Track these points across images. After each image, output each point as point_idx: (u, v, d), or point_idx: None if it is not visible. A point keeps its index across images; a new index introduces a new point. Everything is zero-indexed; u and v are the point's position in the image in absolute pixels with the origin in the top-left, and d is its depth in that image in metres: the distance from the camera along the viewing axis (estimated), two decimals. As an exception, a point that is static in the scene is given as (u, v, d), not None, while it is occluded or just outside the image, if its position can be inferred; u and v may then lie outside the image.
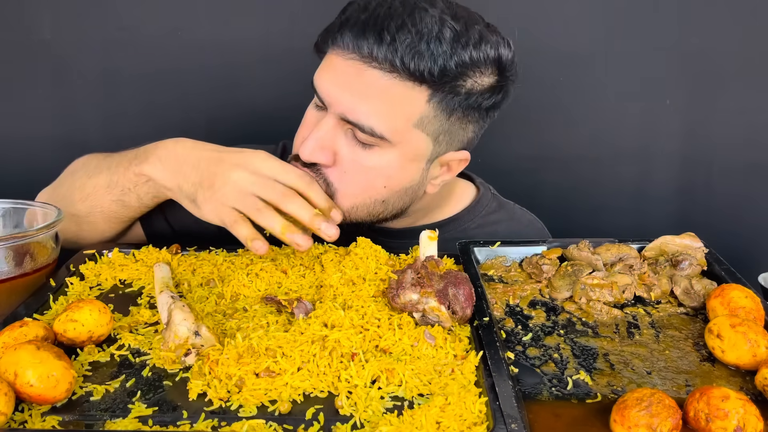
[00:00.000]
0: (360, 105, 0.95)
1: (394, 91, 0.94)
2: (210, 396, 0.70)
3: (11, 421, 0.66)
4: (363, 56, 0.93)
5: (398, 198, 1.04)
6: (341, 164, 0.99)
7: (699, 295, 0.92)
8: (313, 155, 0.98)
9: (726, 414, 0.64)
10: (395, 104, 0.95)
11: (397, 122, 0.96)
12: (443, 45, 0.91)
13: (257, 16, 1.52)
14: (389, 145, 0.97)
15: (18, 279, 0.94)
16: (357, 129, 0.96)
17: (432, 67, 0.91)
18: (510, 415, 0.65)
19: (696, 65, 1.51)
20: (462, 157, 1.05)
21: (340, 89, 0.96)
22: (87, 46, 1.52)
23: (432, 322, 0.83)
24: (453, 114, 0.98)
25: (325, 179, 1.00)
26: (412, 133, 0.98)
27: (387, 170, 1.00)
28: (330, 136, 0.98)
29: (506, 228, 1.20)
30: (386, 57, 0.91)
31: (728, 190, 1.58)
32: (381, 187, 1.01)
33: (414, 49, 0.91)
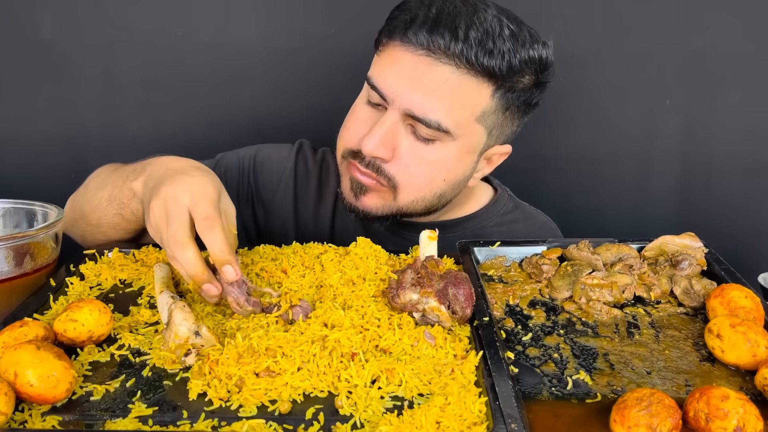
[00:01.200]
0: (428, 101, 0.97)
1: (463, 86, 0.97)
2: (210, 396, 0.70)
3: (11, 421, 0.66)
4: (435, 52, 0.96)
5: (452, 190, 1.08)
6: (401, 159, 1.02)
7: (699, 295, 0.92)
8: (377, 150, 1.00)
9: (726, 414, 0.64)
10: (463, 99, 0.98)
11: (462, 117, 0.99)
12: (507, 43, 0.96)
13: (257, 15, 1.52)
14: (450, 138, 1.00)
15: (18, 279, 0.94)
16: (421, 124, 0.99)
17: (501, 63, 0.96)
18: (510, 415, 0.65)
19: (696, 65, 1.51)
20: (505, 151, 1.10)
21: (406, 85, 0.98)
22: (87, 46, 1.52)
23: (432, 322, 0.83)
24: (509, 109, 1.03)
25: (386, 175, 1.03)
26: (473, 126, 1.02)
27: (446, 163, 1.03)
28: (392, 132, 1.00)
29: (523, 228, 1.23)
30: (462, 53, 0.94)
31: (728, 190, 1.58)
32: (441, 181, 1.05)
33: (485, 46, 0.95)
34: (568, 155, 1.59)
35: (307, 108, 1.56)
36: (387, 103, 1.00)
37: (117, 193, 1.02)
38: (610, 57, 1.52)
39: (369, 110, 1.05)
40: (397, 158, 1.02)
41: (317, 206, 1.25)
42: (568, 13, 1.49)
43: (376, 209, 1.08)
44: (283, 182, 1.24)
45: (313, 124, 1.41)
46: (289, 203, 1.24)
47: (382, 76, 1.01)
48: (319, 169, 1.26)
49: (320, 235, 1.22)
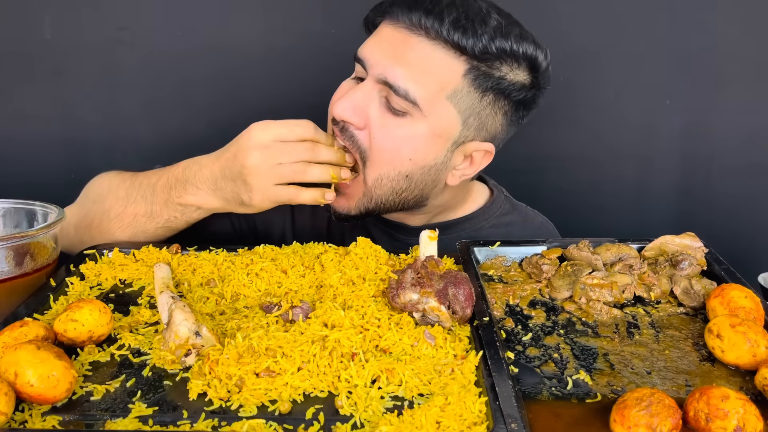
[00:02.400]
0: (399, 67, 1.00)
1: (433, 57, 1.00)
2: (210, 396, 0.70)
3: (11, 420, 0.66)
4: (411, 25, 1.00)
5: (421, 176, 1.07)
6: (371, 128, 1.04)
7: (699, 295, 0.92)
8: (344, 113, 1.03)
9: (726, 414, 0.64)
10: (433, 71, 1.01)
11: (431, 89, 1.01)
12: (487, 28, 0.99)
13: (257, 15, 1.52)
14: (420, 115, 1.02)
15: (18, 279, 0.94)
16: (392, 92, 1.01)
17: (474, 42, 0.99)
18: (510, 415, 0.65)
19: (696, 65, 1.51)
20: (486, 149, 1.09)
21: (382, 53, 1.03)
22: (87, 46, 1.52)
23: (432, 322, 0.83)
24: (485, 96, 1.03)
25: (358, 144, 1.05)
26: (444, 105, 1.02)
27: (414, 141, 1.03)
28: (365, 98, 1.03)
29: (520, 229, 1.24)
30: (432, 26, 0.99)
31: (728, 190, 1.58)
32: (407, 159, 1.05)
33: (459, 23, 0.99)
34: (568, 155, 1.59)
35: (308, 108, 1.55)
36: (366, 72, 1.05)
37: (161, 211, 1.08)
38: (610, 57, 1.52)
39: (351, 83, 1.09)
40: (368, 128, 1.04)
41: (314, 210, 1.25)
42: (568, 13, 1.50)
43: (348, 208, 1.09)
44: None
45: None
46: (286, 208, 1.24)
47: (365, 48, 1.06)
48: None
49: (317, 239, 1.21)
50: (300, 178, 1.01)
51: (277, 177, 1.00)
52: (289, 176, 1.01)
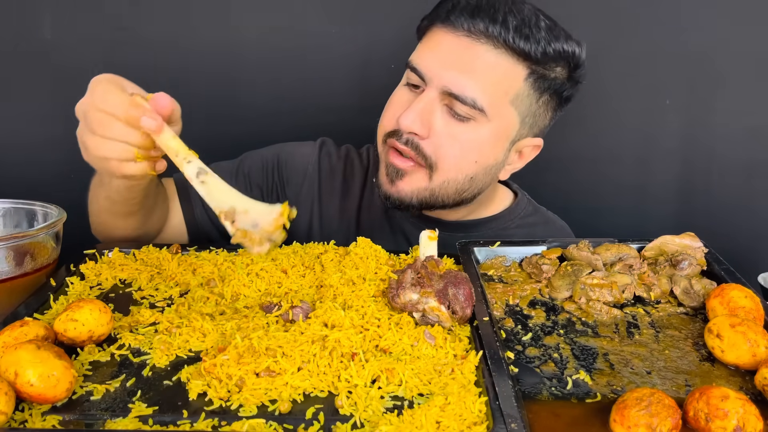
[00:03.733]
0: (465, 78, 1.02)
1: (499, 65, 1.03)
2: (210, 396, 0.70)
3: (11, 420, 0.66)
4: (474, 33, 1.02)
5: (483, 176, 1.11)
6: (436, 137, 1.05)
7: (699, 295, 0.92)
8: (413, 125, 1.04)
9: (725, 413, 0.64)
10: (498, 78, 1.03)
11: (497, 96, 1.04)
12: (542, 32, 1.02)
13: (257, 15, 1.52)
14: (485, 119, 1.04)
15: (18, 279, 0.94)
16: (458, 102, 1.03)
17: (536, 47, 1.02)
18: (510, 415, 0.65)
19: (696, 65, 1.51)
20: (536, 144, 1.13)
21: (445, 63, 1.03)
22: (87, 46, 1.52)
23: (432, 322, 0.83)
24: (542, 97, 1.08)
25: (423, 153, 1.06)
26: (507, 109, 1.06)
27: (480, 145, 1.07)
28: (429, 109, 1.04)
29: (543, 230, 1.27)
30: (499, 33, 1.01)
31: (728, 190, 1.58)
32: (473, 162, 1.07)
33: (521, 31, 1.01)
34: (569, 155, 1.59)
35: (308, 107, 1.56)
36: (425, 83, 1.05)
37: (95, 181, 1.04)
38: (610, 57, 1.52)
39: (407, 93, 1.09)
40: (433, 136, 1.05)
41: (343, 201, 1.26)
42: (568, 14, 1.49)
43: (410, 194, 1.10)
44: (308, 178, 1.26)
45: (315, 124, 1.41)
46: (314, 198, 1.26)
47: (422, 58, 1.06)
48: (344, 165, 1.29)
49: (346, 231, 1.25)
50: (97, 153, 0.86)
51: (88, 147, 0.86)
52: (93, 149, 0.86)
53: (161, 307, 0.90)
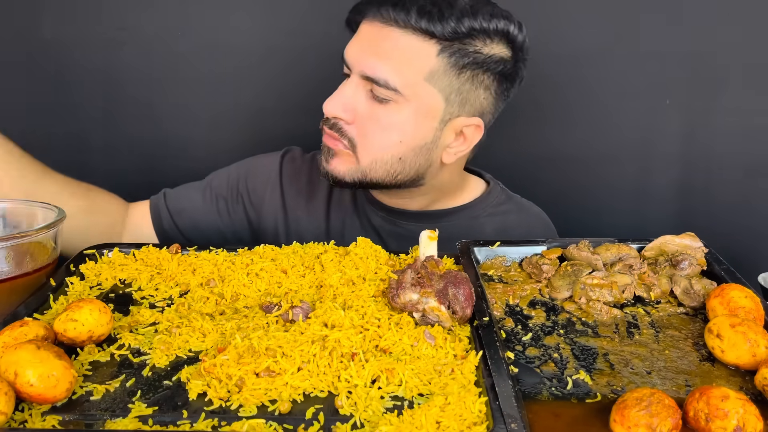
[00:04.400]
0: (377, 61, 1.07)
1: (406, 45, 1.06)
2: (210, 396, 0.70)
3: (11, 420, 0.66)
4: (384, 19, 1.07)
5: (414, 156, 1.12)
6: (360, 120, 1.10)
7: (699, 295, 0.92)
8: (335, 110, 1.10)
9: (726, 414, 0.64)
10: (408, 57, 1.06)
11: (409, 75, 1.07)
12: (454, 10, 1.05)
13: (257, 15, 1.53)
14: (404, 100, 1.07)
15: (18, 279, 0.94)
16: (376, 85, 1.07)
17: (443, 26, 1.04)
18: (510, 415, 0.65)
19: (696, 65, 1.51)
20: (474, 123, 1.13)
21: (361, 49, 1.09)
22: (87, 46, 1.52)
23: (432, 322, 0.83)
24: (462, 72, 1.08)
25: (347, 136, 1.11)
26: (424, 87, 1.08)
27: (402, 125, 1.09)
28: (351, 95, 1.10)
29: (516, 219, 1.27)
30: (399, 16, 1.05)
31: (728, 190, 1.58)
32: (397, 142, 1.10)
33: (425, 10, 1.04)
34: (569, 155, 1.59)
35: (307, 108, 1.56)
36: (351, 71, 1.11)
37: None
38: (610, 57, 1.52)
39: (341, 83, 1.13)
40: (357, 120, 1.10)
41: (309, 201, 1.30)
42: (568, 14, 1.50)
43: (343, 173, 1.14)
44: (270, 184, 1.31)
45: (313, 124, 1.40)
46: (276, 202, 1.30)
47: (348, 48, 1.12)
48: (309, 167, 1.32)
49: (316, 229, 1.28)
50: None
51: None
52: None
53: (161, 307, 0.90)
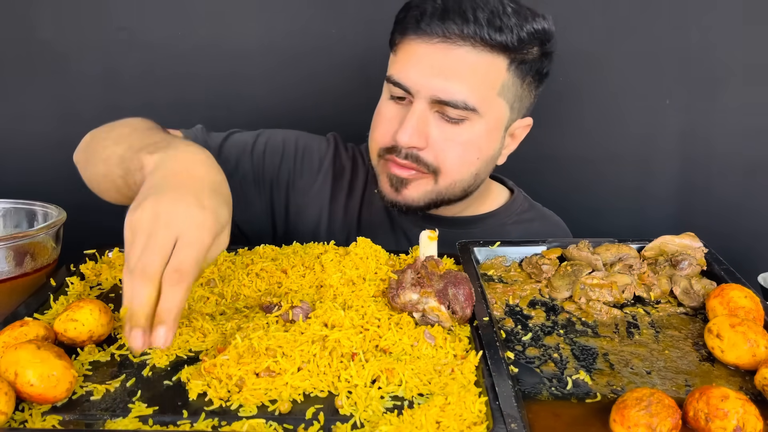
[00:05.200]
0: (451, 83, 1.03)
1: (481, 63, 1.04)
2: (210, 396, 0.70)
3: (12, 420, 0.66)
4: (450, 37, 1.02)
5: (485, 169, 1.14)
6: (435, 144, 1.07)
7: (698, 295, 0.92)
8: (411, 140, 1.05)
9: (725, 414, 0.64)
10: (482, 76, 1.05)
11: (484, 92, 1.05)
12: (512, 18, 1.03)
13: (257, 15, 1.52)
14: (477, 116, 1.06)
15: (18, 279, 0.94)
16: (449, 107, 1.04)
17: (511, 37, 1.03)
18: (510, 415, 0.65)
19: (696, 65, 1.51)
20: (526, 123, 1.16)
21: (428, 73, 1.04)
22: (87, 46, 1.52)
23: (432, 322, 0.83)
24: (525, 80, 1.09)
25: (424, 162, 1.08)
26: (496, 101, 1.08)
27: (478, 141, 1.09)
28: (423, 121, 1.06)
29: (539, 226, 1.28)
30: (474, 32, 1.01)
31: (728, 190, 1.58)
32: (475, 159, 1.10)
33: (494, 24, 1.02)
34: (569, 155, 1.59)
35: (307, 108, 1.56)
36: (412, 95, 1.06)
37: (130, 157, 0.91)
38: (610, 57, 1.52)
39: (394, 107, 1.10)
40: (432, 144, 1.07)
41: (347, 200, 1.27)
42: (568, 14, 1.50)
43: (418, 198, 1.12)
44: (322, 174, 1.27)
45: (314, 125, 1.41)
46: (325, 195, 1.26)
47: (403, 72, 1.06)
48: (351, 164, 1.30)
49: (348, 230, 1.26)
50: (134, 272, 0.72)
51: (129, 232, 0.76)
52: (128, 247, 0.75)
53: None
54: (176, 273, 0.71)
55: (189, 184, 0.79)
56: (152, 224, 0.73)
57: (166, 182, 0.79)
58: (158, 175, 0.82)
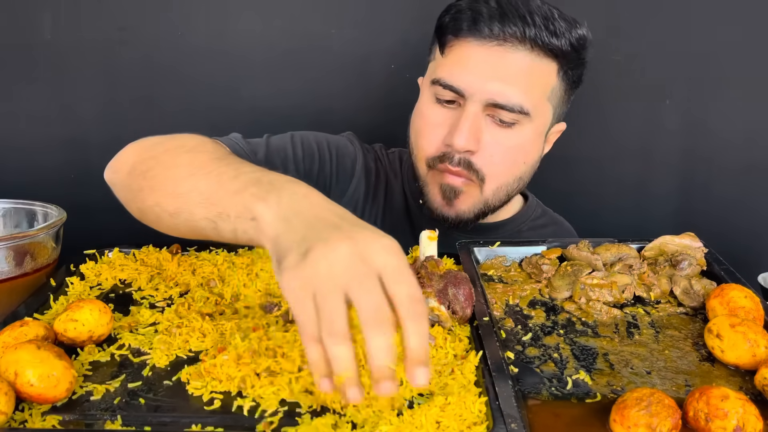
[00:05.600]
0: (508, 87, 1.02)
1: (536, 68, 1.03)
2: (210, 396, 0.70)
3: (11, 420, 0.66)
4: (507, 40, 1.01)
5: (528, 173, 1.14)
6: (486, 148, 1.05)
7: (698, 295, 0.92)
8: (468, 143, 1.03)
9: (725, 414, 0.64)
10: (536, 80, 1.04)
11: (537, 96, 1.05)
12: (562, 24, 1.03)
13: (257, 15, 1.52)
14: (528, 120, 1.05)
15: (18, 279, 0.94)
16: (504, 111, 1.03)
17: (564, 42, 1.03)
18: (510, 415, 0.65)
19: (696, 65, 1.51)
20: (561, 129, 1.16)
21: (483, 77, 1.02)
22: (87, 46, 1.52)
23: (432, 322, 0.83)
24: (570, 86, 1.10)
25: (474, 168, 1.06)
26: (545, 106, 1.08)
27: (525, 145, 1.08)
28: (476, 124, 1.04)
29: (553, 232, 1.28)
30: (536, 36, 1.01)
31: (728, 190, 1.58)
32: (522, 164, 1.10)
33: (549, 29, 1.01)
34: (568, 155, 1.59)
35: (308, 109, 1.56)
36: (464, 98, 1.04)
37: (223, 199, 0.76)
38: (610, 57, 1.52)
39: (441, 111, 1.07)
40: (482, 149, 1.06)
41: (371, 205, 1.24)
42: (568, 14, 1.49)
43: (468, 210, 1.11)
44: (356, 178, 1.22)
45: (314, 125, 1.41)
46: (359, 199, 1.22)
47: (455, 74, 1.04)
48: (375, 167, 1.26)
49: None
50: (321, 325, 0.63)
51: (320, 293, 0.63)
52: (323, 309, 0.63)
53: (161, 307, 0.90)
54: (414, 303, 0.63)
55: (342, 221, 0.69)
56: (348, 267, 0.63)
57: (315, 225, 0.68)
58: (295, 222, 0.69)
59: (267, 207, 0.71)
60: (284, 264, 0.65)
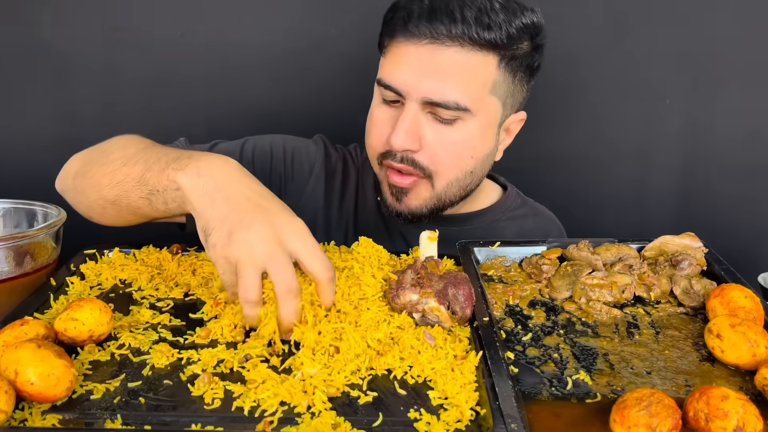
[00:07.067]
0: (442, 84, 1.02)
1: (471, 62, 1.02)
2: (210, 396, 0.70)
3: (11, 419, 0.66)
4: (438, 38, 1.01)
5: (481, 166, 1.13)
6: (429, 146, 1.06)
7: (699, 295, 0.92)
8: (405, 143, 1.04)
9: (725, 414, 0.64)
10: (473, 75, 1.03)
11: (476, 91, 1.04)
12: (500, 15, 1.01)
13: (257, 15, 1.52)
14: (470, 115, 1.05)
15: (18, 279, 0.94)
16: (440, 108, 1.03)
17: (499, 34, 1.01)
18: (510, 415, 0.65)
19: (696, 65, 1.51)
20: (520, 118, 1.15)
21: (418, 75, 1.03)
22: (87, 46, 1.52)
23: (432, 322, 0.83)
24: (516, 75, 1.08)
25: (419, 165, 1.07)
26: (488, 99, 1.06)
27: (471, 140, 1.07)
28: (415, 122, 1.05)
29: (533, 222, 1.28)
30: (463, 33, 1.00)
31: (728, 190, 1.58)
32: (469, 158, 1.09)
33: (482, 22, 1.00)
34: (568, 155, 1.60)
35: (307, 109, 1.56)
36: (403, 97, 1.05)
37: (152, 178, 0.90)
38: (610, 57, 1.52)
39: (386, 110, 1.09)
40: (426, 146, 1.06)
41: (341, 203, 1.27)
42: (568, 14, 1.50)
43: (419, 206, 1.12)
44: (314, 177, 1.26)
45: (314, 125, 1.41)
46: (319, 198, 1.26)
47: (393, 74, 1.05)
48: (342, 166, 1.29)
49: (344, 232, 1.25)
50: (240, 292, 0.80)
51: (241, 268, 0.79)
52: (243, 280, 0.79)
53: (161, 307, 0.90)
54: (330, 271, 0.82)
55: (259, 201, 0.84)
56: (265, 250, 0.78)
57: (236, 206, 0.82)
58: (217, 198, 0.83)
59: (186, 175, 0.86)
60: (211, 240, 0.81)
